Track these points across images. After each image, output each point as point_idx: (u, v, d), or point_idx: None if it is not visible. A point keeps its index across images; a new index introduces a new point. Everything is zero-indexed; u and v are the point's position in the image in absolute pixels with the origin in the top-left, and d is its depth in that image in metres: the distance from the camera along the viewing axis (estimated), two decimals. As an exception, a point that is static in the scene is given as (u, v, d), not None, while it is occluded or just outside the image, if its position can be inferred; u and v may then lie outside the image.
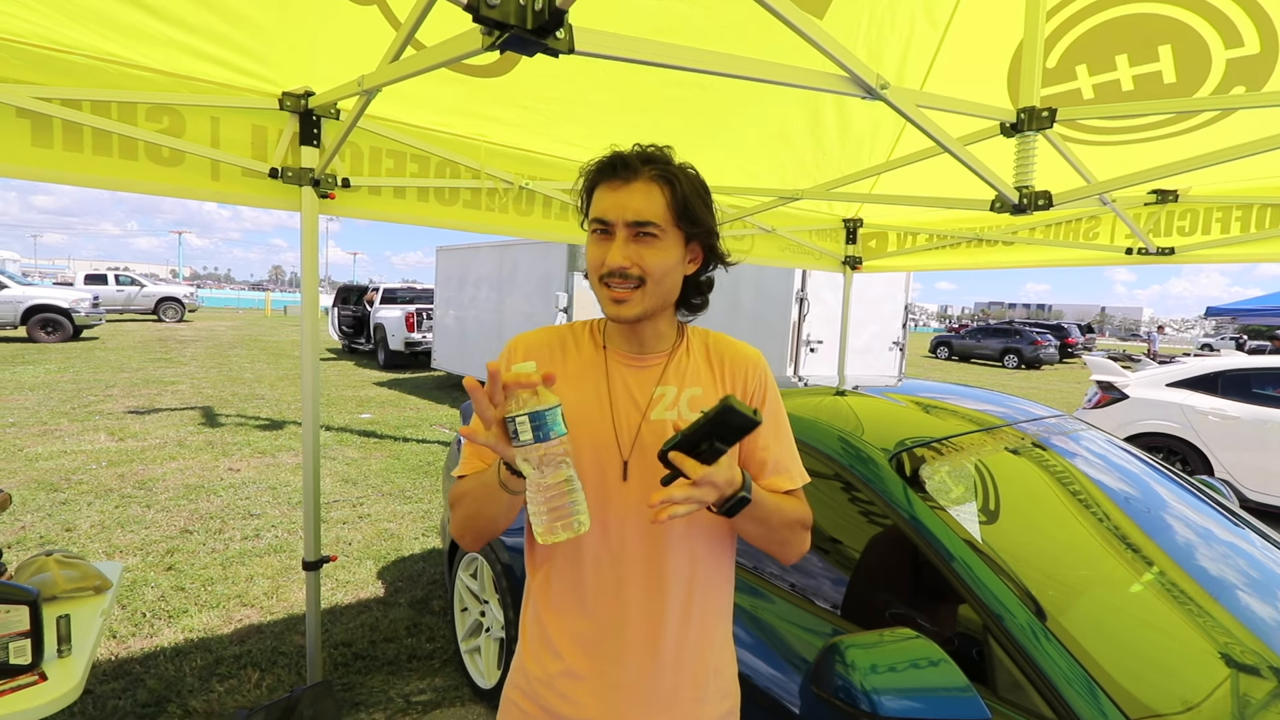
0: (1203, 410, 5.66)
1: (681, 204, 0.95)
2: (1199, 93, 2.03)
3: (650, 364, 1.02)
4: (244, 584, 3.40)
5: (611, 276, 0.93)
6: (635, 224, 0.92)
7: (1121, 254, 2.84)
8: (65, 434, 6.21)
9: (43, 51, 1.63)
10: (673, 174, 0.96)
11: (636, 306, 0.94)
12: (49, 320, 13.64)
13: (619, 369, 1.01)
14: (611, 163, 0.95)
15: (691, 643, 1.01)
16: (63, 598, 1.71)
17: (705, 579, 1.02)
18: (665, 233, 0.94)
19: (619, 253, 0.92)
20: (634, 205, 0.92)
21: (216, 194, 1.93)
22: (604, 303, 0.96)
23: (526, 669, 1.03)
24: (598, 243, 0.95)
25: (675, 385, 1.00)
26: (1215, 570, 1.72)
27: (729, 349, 1.07)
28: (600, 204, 0.94)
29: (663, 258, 0.94)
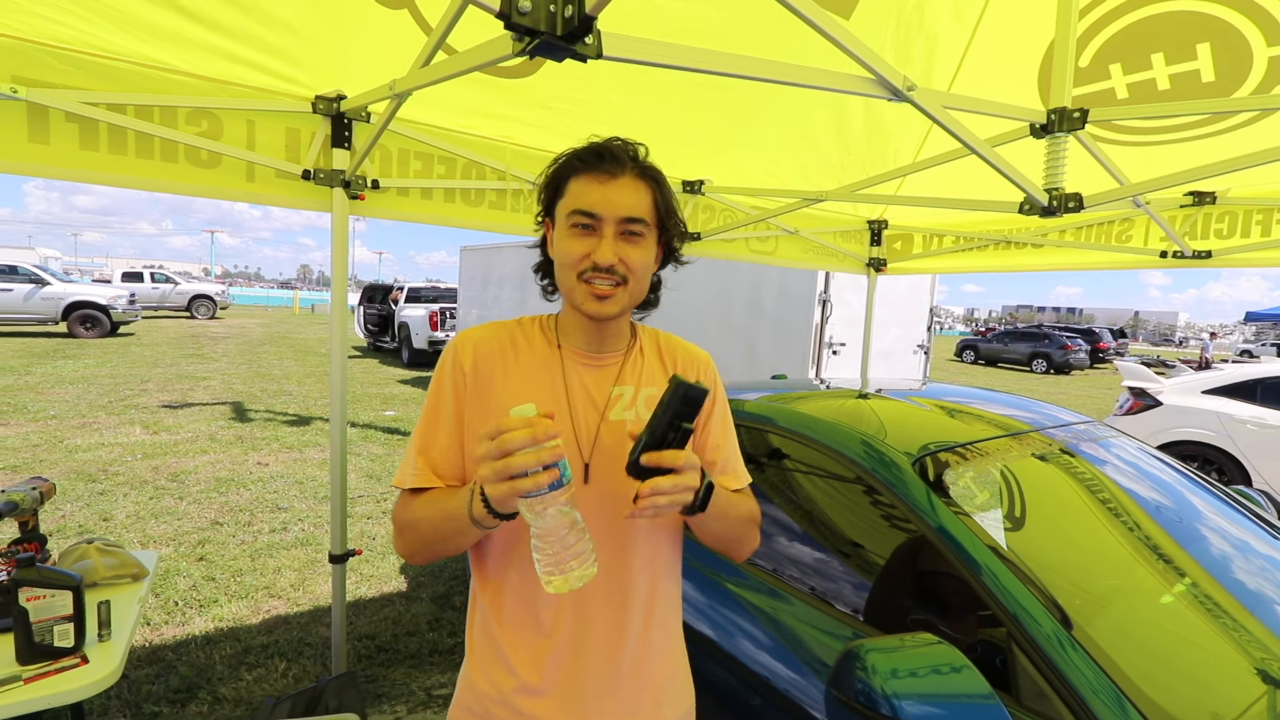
0: (1241, 418, 5.49)
1: (665, 204, 0.95)
2: (1239, 91, 1.97)
3: (607, 363, 1.00)
4: (272, 575, 3.48)
5: (596, 272, 0.90)
6: (627, 220, 0.90)
7: (1156, 257, 2.77)
8: (103, 427, 6.42)
9: (89, 58, 1.70)
10: (656, 172, 0.95)
11: (618, 304, 0.92)
12: (88, 316, 14.09)
13: (575, 368, 0.98)
14: (598, 152, 0.91)
15: (653, 647, 1.00)
16: (102, 584, 1.77)
17: (666, 582, 1.02)
18: (649, 231, 0.93)
19: (609, 249, 0.89)
20: (625, 201, 0.90)
21: (251, 195, 1.98)
22: (581, 299, 0.92)
23: (476, 686, 0.98)
24: (579, 236, 0.90)
25: (632, 385, 0.99)
26: (1251, 583, 1.67)
27: (680, 349, 1.07)
28: (586, 196, 0.90)
29: (646, 256, 0.94)
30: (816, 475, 1.88)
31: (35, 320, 13.98)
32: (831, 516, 1.81)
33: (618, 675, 0.96)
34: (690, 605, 1.74)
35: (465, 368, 0.95)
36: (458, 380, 0.95)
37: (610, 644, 0.96)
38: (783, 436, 1.95)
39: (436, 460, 0.94)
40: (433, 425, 0.95)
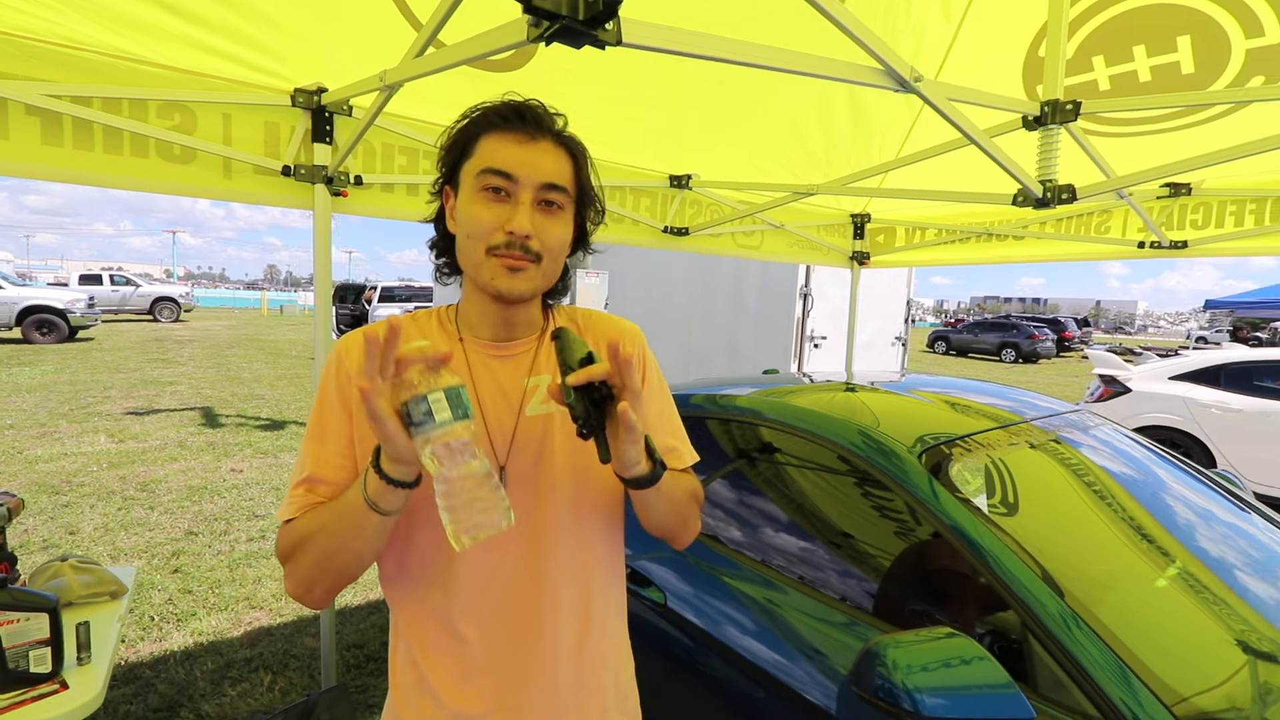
0: (1205, 403, 5.69)
1: (586, 179, 0.85)
2: (1217, 83, 2.02)
3: (517, 352, 0.88)
4: (252, 586, 3.37)
5: (510, 246, 0.78)
6: (546, 186, 0.79)
7: (1134, 247, 2.84)
8: (64, 436, 6.17)
9: (53, 48, 1.60)
10: (578, 144, 0.85)
11: (531, 281, 0.81)
12: (44, 321, 13.54)
13: (483, 361, 0.86)
14: (518, 110, 0.80)
15: (592, 650, 0.90)
16: (78, 604, 1.69)
17: (603, 584, 0.92)
18: (568, 205, 0.83)
19: (525, 218, 0.78)
20: (546, 165, 0.79)
21: (229, 192, 1.90)
22: (490, 274, 0.80)
23: (402, 718, 0.87)
24: (490, 202, 0.78)
25: (549, 374, 0.88)
26: (1233, 560, 1.72)
27: (602, 324, 0.96)
28: (499, 154, 0.78)
29: (563, 234, 0.83)
30: (810, 468, 1.88)
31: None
32: (828, 509, 1.81)
33: (557, 684, 0.86)
34: (686, 601, 1.72)
35: (351, 373, 0.82)
36: (343, 389, 0.82)
37: (546, 652, 0.85)
38: (775, 430, 1.94)
39: (325, 485, 0.81)
40: (316, 447, 0.82)
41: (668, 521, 0.88)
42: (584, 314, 0.98)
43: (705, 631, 1.66)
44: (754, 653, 1.56)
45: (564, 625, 0.87)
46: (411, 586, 0.86)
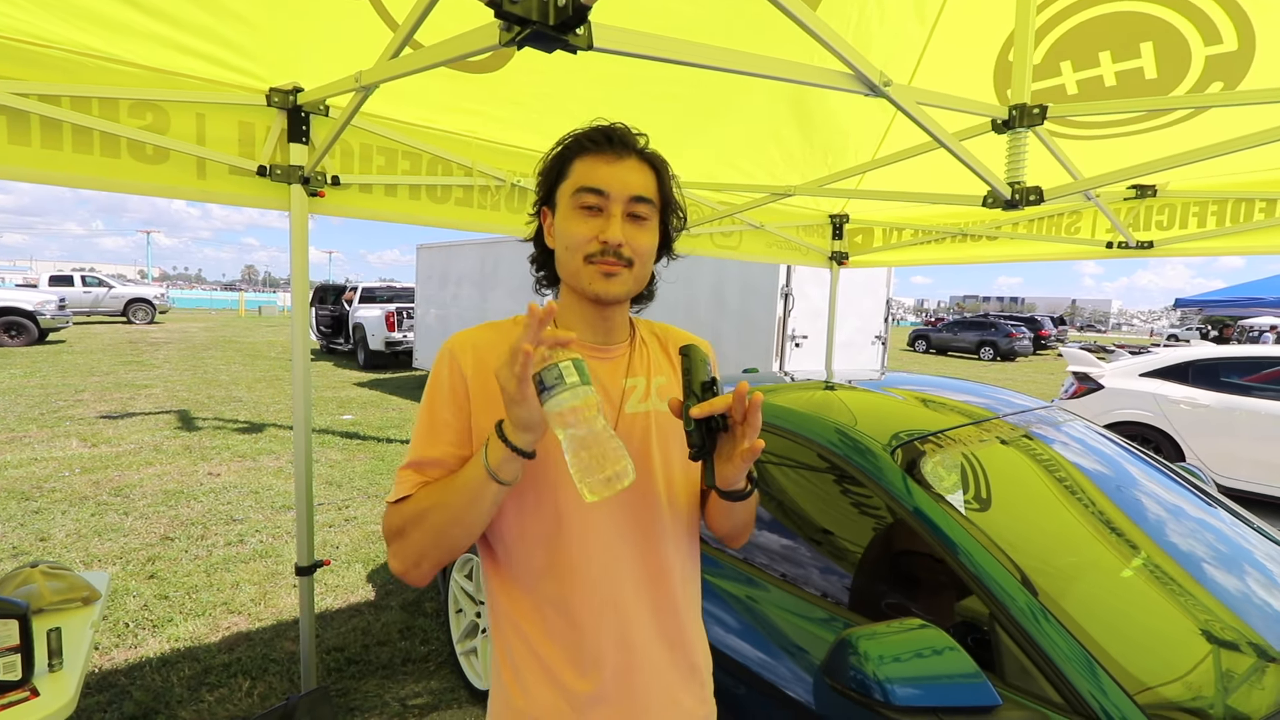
0: (1174, 399, 5.83)
1: (669, 191, 0.93)
2: (1179, 88, 2.08)
3: (615, 355, 0.96)
4: (230, 591, 3.33)
5: (605, 254, 0.86)
6: (636, 199, 0.87)
7: (1102, 248, 2.91)
8: (35, 440, 6.03)
9: (19, 45, 1.58)
10: (660, 159, 0.93)
11: (624, 285, 0.89)
12: (12, 324, 13.21)
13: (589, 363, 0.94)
14: (606, 134, 0.89)
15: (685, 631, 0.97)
16: (50, 610, 1.66)
17: (692, 565, 1.00)
18: (654, 216, 0.91)
19: (618, 228, 0.86)
20: (633, 180, 0.88)
21: (203, 193, 1.88)
22: (589, 280, 0.88)
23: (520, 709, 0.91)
24: (586, 217, 0.87)
25: (643, 376, 0.96)
26: (1198, 552, 1.77)
27: (681, 338, 1.05)
28: (593, 174, 0.87)
29: (651, 241, 0.91)
30: (789, 466, 1.90)
31: (-48, 329, 13.04)
32: (807, 506, 1.84)
33: (662, 673, 0.93)
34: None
35: (466, 373, 0.89)
36: (457, 387, 0.89)
37: (651, 642, 0.92)
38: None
39: (431, 468, 0.88)
40: (429, 438, 0.88)
41: (736, 528, 0.97)
42: (660, 328, 1.06)
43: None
44: (734, 649, 1.58)
45: (668, 608, 0.93)
46: (523, 577, 0.90)
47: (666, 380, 0.97)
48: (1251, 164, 2.50)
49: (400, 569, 0.86)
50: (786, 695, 1.46)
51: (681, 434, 0.82)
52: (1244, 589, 1.64)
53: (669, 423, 0.93)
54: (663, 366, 0.99)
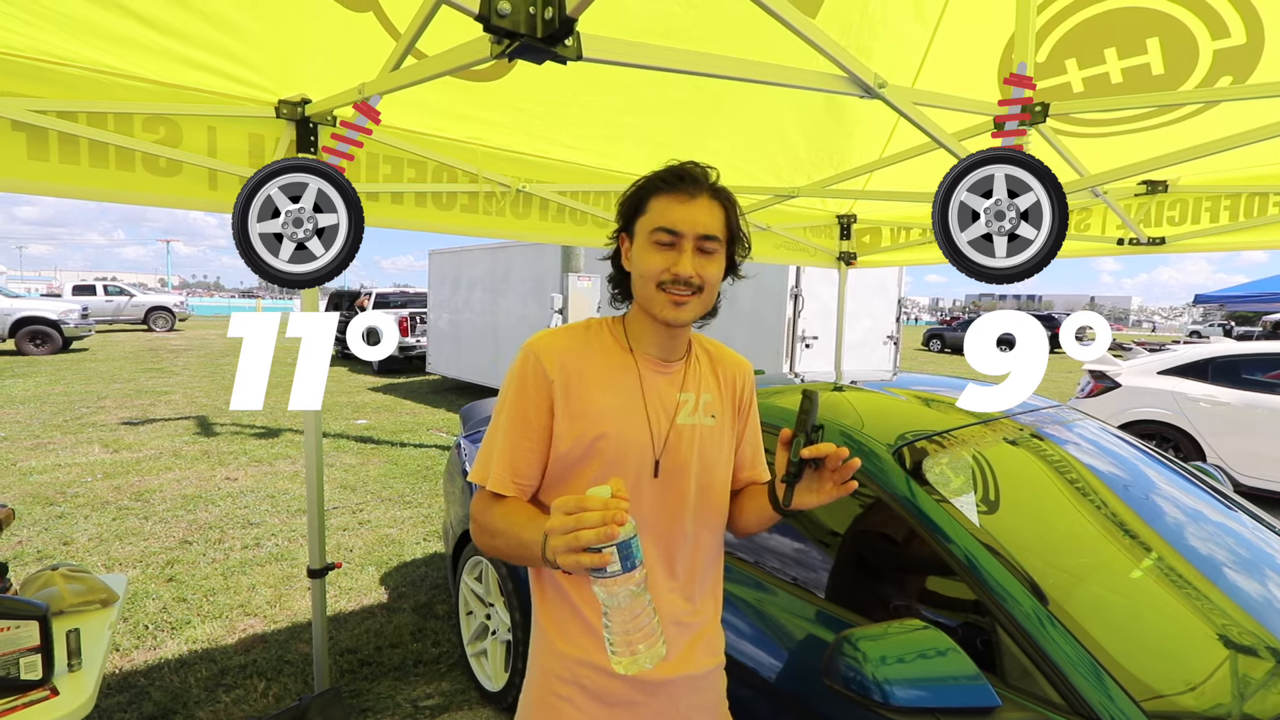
0: (1194, 397, 5.73)
1: (735, 224, 1.05)
2: (1186, 84, 2.05)
3: (673, 370, 1.08)
4: (246, 593, 3.38)
5: (676, 284, 0.98)
6: (704, 237, 0.99)
7: (1113, 244, 2.87)
8: (59, 447, 6.17)
9: (38, 64, 1.62)
10: (728, 195, 1.05)
11: (692, 311, 1.02)
12: (38, 332, 13.51)
13: (649, 374, 1.06)
14: (679, 174, 1.01)
15: (701, 601, 1.10)
16: (69, 612, 1.70)
17: (713, 558, 1.13)
18: (721, 247, 1.03)
19: (689, 263, 0.98)
20: (704, 220, 0.99)
21: (215, 203, 1.92)
22: (660, 307, 1.00)
23: (561, 652, 1.03)
24: (661, 251, 0.99)
25: (694, 392, 1.09)
26: (1213, 554, 1.74)
27: (727, 358, 1.18)
28: (668, 214, 0.99)
29: (719, 270, 1.04)
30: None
31: (-20, 338, 13.37)
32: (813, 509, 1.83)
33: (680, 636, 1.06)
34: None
35: (549, 374, 1.01)
36: (541, 387, 1.00)
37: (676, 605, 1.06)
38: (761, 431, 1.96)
39: (519, 466, 1.00)
40: (515, 428, 1.01)
41: (761, 528, 1.12)
42: (710, 345, 1.19)
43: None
44: (742, 652, 1.58)
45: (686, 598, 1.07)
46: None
47: (712, 397, 1.11)
48: (1264, 158, 2.46)
49: (480, 546, 1.00)
50: (794, 698, 1.46)
51: (718, 451, 1.07)
52: (1261, 592, 1.61)
53: (710, 436, 1.08)
54: (709, 384, 1.12)
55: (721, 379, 1.14)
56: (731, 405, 1.14)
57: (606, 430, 1.00)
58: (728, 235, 1.03)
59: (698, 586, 1.10)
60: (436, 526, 4.44)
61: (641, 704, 1.02)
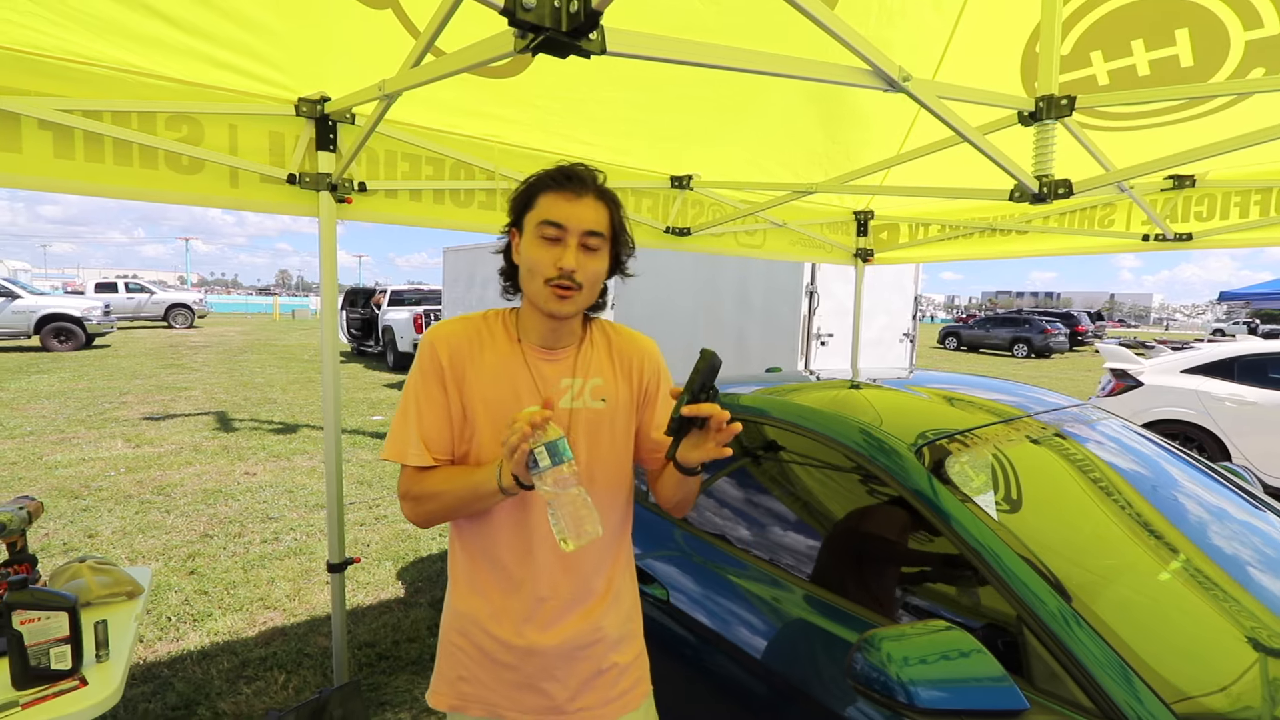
0: (1219, 396, 5.62)
1: (619, 223, 1.11)
2: (1217, 75, 2.01)
3: (560, 358, 1.15)
4: (266, 587, 3.43)
5: (561, 278, 1.04)
6: (588, 233, 1.05)
7: (1138, 240, 2.82)
8: (83, 441, 6.28)
9: (64, 64, 1.65)
10: (612, 195, 1.10)
11: (575, 305, 1.07)
12: (62, 329, 13.76)
13: (535, 362, 1.13)
14: (566, 174, 1.06)
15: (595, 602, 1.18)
16: (96, 604, 1.73)
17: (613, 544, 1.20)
18: (604, 245, 1.08)
19: (573, 257, 1.04)
20: (588, 217, 1.05)
21: (235, 201, 1.94)
22: (545, 300, 1.06)
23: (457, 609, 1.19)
24: (547, 245, 1.05)
25: (581, 377, 1.15)
26: (1241, 556, 1.71)
27: (628, 341, 1.22)
28: (554, 210, 1.04)
29: (601, 266, 1.09)
30: (814, 466, 1.89)
31: (6, 335, 13.64)
32: (831, 507, 1.82)
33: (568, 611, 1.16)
34: (690, 597, 1.74)
35: (442, 361, 1.11)
36: (436, 371, 1.11)
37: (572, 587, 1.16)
38: (779, 428, 1.95)
39: (432, 441, 1.10)
40: (422, 409, 1.11)
41: (685, 499, 1.16)
42: (614, 329, 1.23)
43: (708, 628, 1.67)
44: (756, 648, 1.58)
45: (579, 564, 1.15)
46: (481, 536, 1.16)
47: (602, 381, 1.16)
48: (1297, 151, 2.40)
49: (412, 518, 1.12)
50: (808, 695, 1.45)
51: (610, 432, 1.14)
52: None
53: (598, 419, 1.14)
54: (601, 368, 1.17)
55: (617, 362, 1.18)
56: (630, 387, 1.19)
57: (492, 419, 1.09)
58: (611, 233, 1.09)
59: (591, 563, 1.17)
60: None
61: (515, 667, 1.14)
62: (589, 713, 1.18)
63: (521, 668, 1.14)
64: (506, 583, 1.14)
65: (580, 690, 1.17)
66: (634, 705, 1.24)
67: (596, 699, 1.18)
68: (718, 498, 1.93)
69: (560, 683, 1.16)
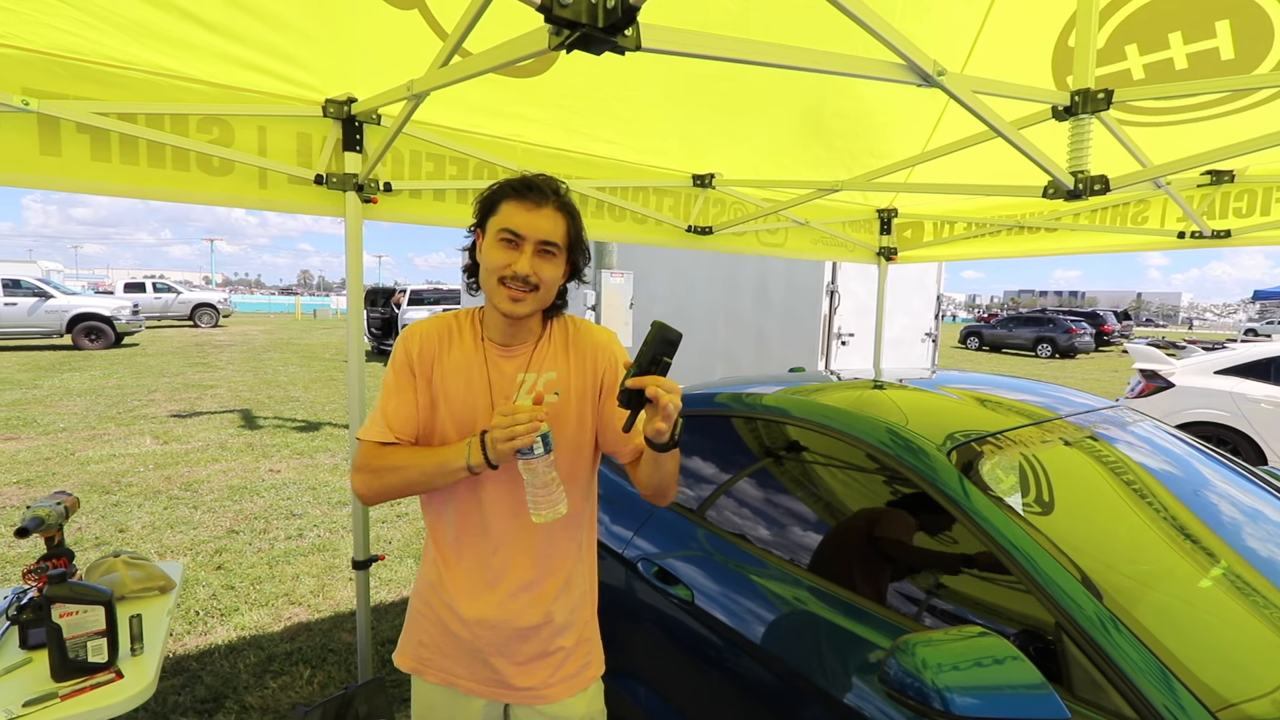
0: (1255, 398, 5.47)
1: (576, 234, 1.18)
2: (1260, 68, 1.94)
3: (517, 354, 1.22)
4: (291, 582, 3.48)
5: (515, 280, 1.11)
6: (544, 242, 1.12)
7: (1173, 238, 2.75)
8: (113, 438, 6.42)
9: (99, 67, 1.68)
10: (572, 208, 1.17)
11: (528, 306, 1.14)
12: (92, 328, 14.11)
13: (495, 359, 1.21)
14: (527, 184, 1.13)
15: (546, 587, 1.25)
16: (130, 598, 1.76)
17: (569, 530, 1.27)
18: (560, 253, 1.16)
19: (526, 263, 1.11)
20: (545, 227, 1.12)
21: (264, 201, 1.96)
22: (500, 300, 1.13)
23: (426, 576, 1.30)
24: (505, 249, 1.12)
25: (535, 372, 1.22)
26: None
27: (585, 335, 1.28)
28: (513, 218, 1.11)
29: (556, 272, 1.16)
30: (837, 466, 1.86)
31: (40, 333, 14.01)
32: (856, 508, 1.80)
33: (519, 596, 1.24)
34: (714, 599, 1.73)
35: (413, 355, 1.21)
36: (408, 364, 1.21)
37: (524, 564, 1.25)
38: (802, 428, 1.93)
39: (395, 423, 1.19)
40: (389, 395, 1.21)
41: (663, 482, 1.18)
42: (575, 325, 1.29)
43: (732, 629, 1.66)
44: (782, 649, 1.56)
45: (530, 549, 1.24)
46: (444, 513, 1.26)
47: (557, 375, 1.22)
48: (1343, 145, 2.32)
49: (360, 492, 1.20)
50: (835, 699, 1.43)
51: (564, 423, 1.20)
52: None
53: (550, 412, 1.19)
54: (556, 363, 1.23)
55: (573, 356, 1.24)
56: (584, 379, 1.24)
57: (452, 410, 1.18)
58: (568, 243, 1.16)
59: (542, 549, 1.24)
60: (472, 520, 4.49)
61: (465, 639, 1.23)
62: (534, 692, 1.27)
63: (471, 640, 1.23)
64: (462, 555, 1.24)
65: (526, 668, 1.25)
66: (580, 687, 1.31)
67: (540, 680, 1.27)
68: (739, 498, 1.92)
69: (508, 659, 1.24)
